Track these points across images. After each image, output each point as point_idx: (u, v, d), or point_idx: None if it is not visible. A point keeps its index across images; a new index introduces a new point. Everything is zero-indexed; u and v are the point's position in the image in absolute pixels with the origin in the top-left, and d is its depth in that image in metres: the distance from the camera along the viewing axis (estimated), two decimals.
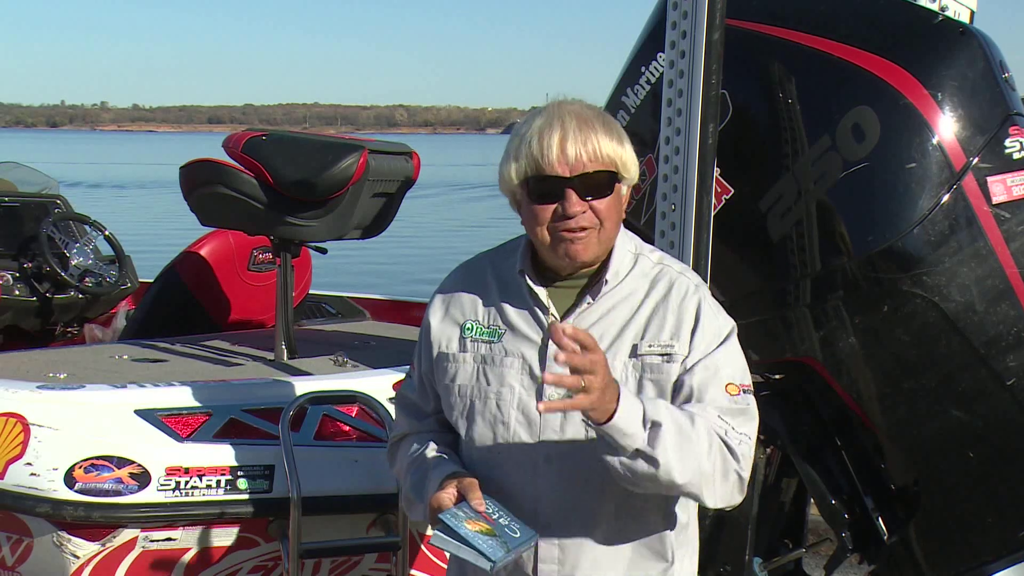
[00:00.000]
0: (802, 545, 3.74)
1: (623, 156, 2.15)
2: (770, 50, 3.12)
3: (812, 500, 3.42)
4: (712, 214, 2.98)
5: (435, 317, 2.27)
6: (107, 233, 5.63)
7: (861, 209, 3.00)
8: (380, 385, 3.44)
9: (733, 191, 3.13)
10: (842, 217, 3.01)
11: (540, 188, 2.12)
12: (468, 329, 2.22)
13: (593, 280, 2.19)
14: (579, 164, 2.10)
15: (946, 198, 2.94)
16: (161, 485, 3.13)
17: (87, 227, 5.63)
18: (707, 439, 2.06)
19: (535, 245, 2.19)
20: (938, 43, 3.02)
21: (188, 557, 3.23)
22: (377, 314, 5.35)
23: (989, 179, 2.96)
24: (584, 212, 2.11)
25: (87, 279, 5.44)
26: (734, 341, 2.20)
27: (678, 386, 2.13)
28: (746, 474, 2.13)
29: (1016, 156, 2.98)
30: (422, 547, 3.40)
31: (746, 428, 2.14)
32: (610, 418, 1.95)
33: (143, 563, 3.21)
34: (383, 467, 3.21)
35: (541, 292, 2.19)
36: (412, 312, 5.17)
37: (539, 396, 2.13)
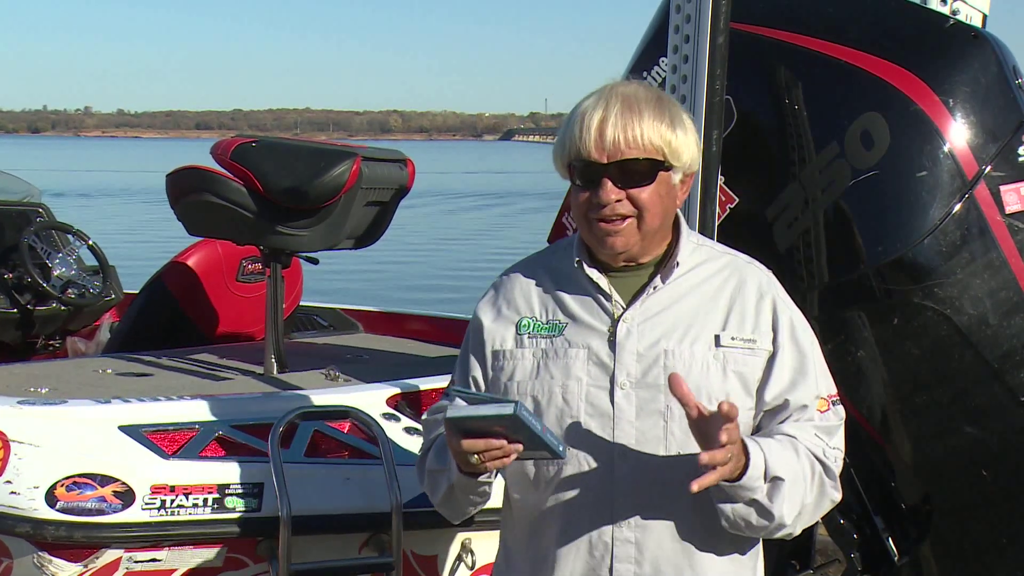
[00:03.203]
0: (810, 566, 3.74)
1: (672, 142, 2.10)
2: (776, 54, 3.13)
3: (820, 519, 3.43)
4: (716, 223, 2.99)
5: (486, 317, 2.24)
6: (91, 243, 5.63)
7: (870, 219, 3.01)
8: (373, 400, 3.44)
9: (738, 200, 3.14)
10: (851, 227, 3.02)
11: (580, 173, 2.11)
12: (524, 326, 2.18)
13: (661, 265, 2.17)
14: (616, 150, 2.07)
15: (958, 207, 2.95)
16: (146, 504, 3.12)
17: (70, 237, 5.63)
18: (811, 473, 2.09)
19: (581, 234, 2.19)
20: (949, 48, 3.03)
21: None
22: (370, 326, 5.34)
23: (1002, 188, 2.97)
24: (620, 201, 2.08)
25: (70, 290, 5.43)
26: (818, 346, 2.20)
27: (767, 391, 2.12)
28: (838, 495, 2.16)
29: None
30: (416, 567, 3.40)
31: (838, 442, 2.16)
32: (740, 475, 1.98)
33: None
34: (376, 485, 3.21)
35: (602, 280, 2.16)
36: (406, 324, 5.17)
37: (611, 387, 2.10)
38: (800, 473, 2.07)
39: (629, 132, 2.07)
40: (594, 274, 2.16)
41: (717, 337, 2.12)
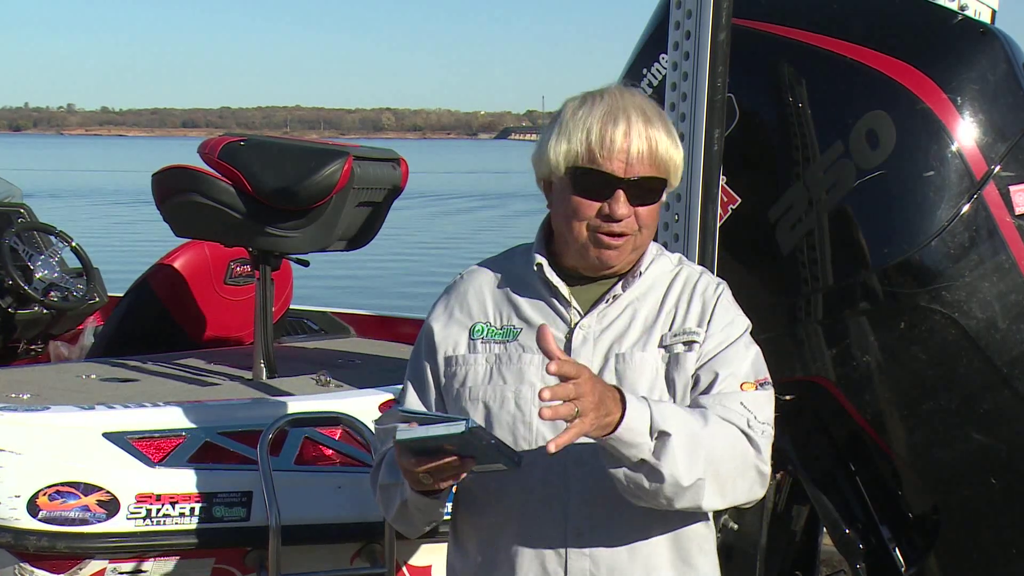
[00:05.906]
0: None
1: (676, 161, 2.15)
2: (779, 51, 3.13)
3: (825, 529, 3.43)
4: (718, 225, 2.99)
5: (438, 323, 2.25)
6: (74, 244, 5.63)
7: (876, 220, 3.02)
8: (365, 406, 3.44)
9: (740, 200, 3.14)
10: (856, 228, 3.02)
11: (589, 181, 2.10)
12: (477, 331, 2.20)
13: (626, 275, 2.19)
14: (639, 166, 2.09)
15: (966, 208, 2.96)
16: (131, 513, 3.13)
17: (52, 238, 5.63)
18: (723, 438, 2.05)
19: (561, 239, 2.18)
20: (957, 44, 3.04)
21: None
22: (362, 330, 5.35)
23: (1012, 188, 2.98)
24: (629, 217, 2.11)
25: (52, 293, 5.43)
26: (755, 347, 2.21)
27: (695, 378, 2.14)
28: (768, 468, 2.13)
29: None
30: None
31: (766, 417, 2.14)
32: (613, 429, 1.93)
33: None
34: (368, 493, 3.21)
35: (562, 286, 2.18)
36: (399, 328, 5.17)
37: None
38: (700, 434, 2.02)
39: (652, 146, 2.09)
40: (555, 279, 2.18)
41: (662, 338, 2.15)
